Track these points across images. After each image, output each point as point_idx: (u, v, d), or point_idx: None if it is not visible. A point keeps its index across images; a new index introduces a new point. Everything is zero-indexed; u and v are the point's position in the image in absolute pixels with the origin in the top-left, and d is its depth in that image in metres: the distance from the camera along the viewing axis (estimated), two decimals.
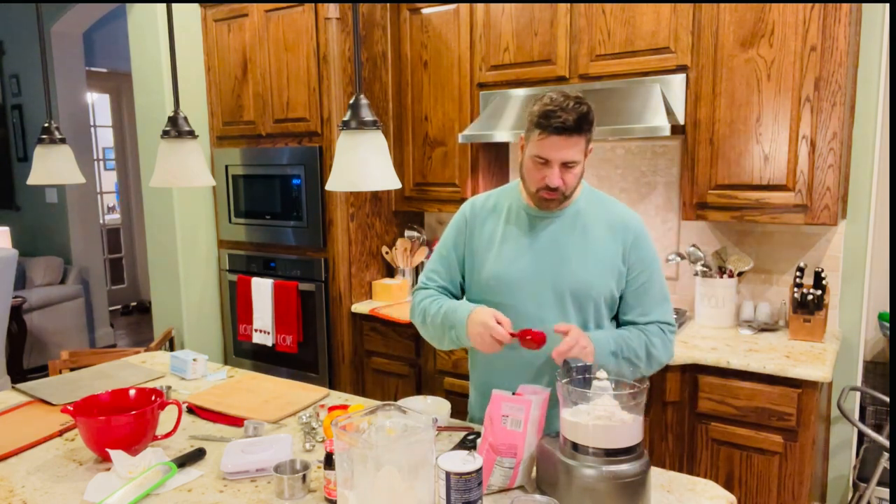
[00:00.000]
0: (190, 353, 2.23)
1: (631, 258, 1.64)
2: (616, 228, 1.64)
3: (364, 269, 3.32)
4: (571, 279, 1.61)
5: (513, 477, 1.40)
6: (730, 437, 2.32)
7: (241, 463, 1.49)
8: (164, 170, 1.81)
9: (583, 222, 1.65)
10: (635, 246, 1.64)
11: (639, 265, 1.64)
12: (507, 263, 1.65)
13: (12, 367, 4.50)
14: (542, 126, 1.51)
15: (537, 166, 1.56)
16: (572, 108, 1.48)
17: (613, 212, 1.67)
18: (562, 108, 1.48)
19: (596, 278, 1.61)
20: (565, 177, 1.55)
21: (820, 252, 2.65)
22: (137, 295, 7.15)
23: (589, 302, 1.63)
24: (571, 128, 1.48)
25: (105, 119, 6.77)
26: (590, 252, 1.62)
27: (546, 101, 1.51)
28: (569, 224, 1.65)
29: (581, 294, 1.62)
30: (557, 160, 1.53)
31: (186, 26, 3.46)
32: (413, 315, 1.79)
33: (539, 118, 1.51)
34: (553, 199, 1.59)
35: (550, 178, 1.54)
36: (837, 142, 2.29)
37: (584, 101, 1.51)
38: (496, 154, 3.22)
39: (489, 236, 1.71)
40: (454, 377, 2.91)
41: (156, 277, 3.71)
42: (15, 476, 1.53)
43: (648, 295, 1.66)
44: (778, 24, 2.33)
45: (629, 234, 1.64)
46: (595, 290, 1.62)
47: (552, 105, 1.49)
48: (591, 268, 1.62)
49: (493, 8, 2.92)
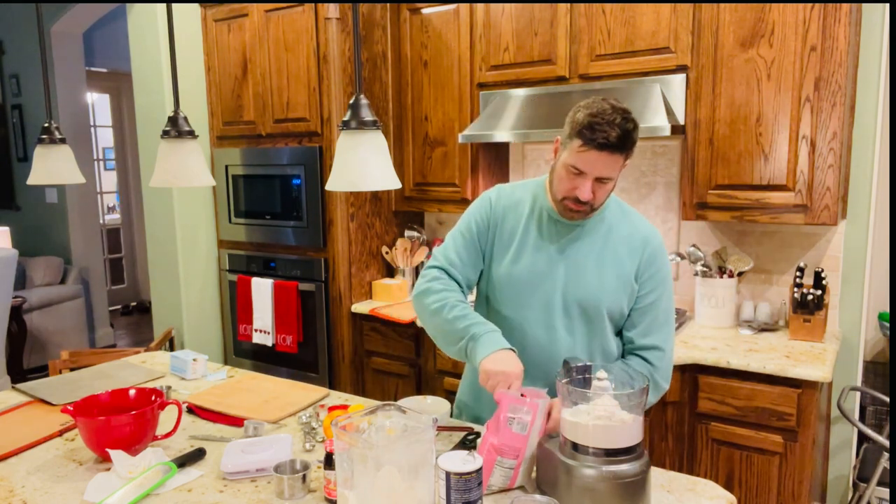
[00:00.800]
0: (190, 353, 2.22)
1: (643, 275, 1.60)
2: (635, 244, 1.61)
3: (364, 269, 3.32)
4: (584, 291, 1.58)
5: (513, 477, 1.40)
6: (730, 437, 2.32)
7: (241, 463, 1.49)
8: (164, 170, 1.81)
9: (604, 233, 1.61)
10: (651, 263, 1.60)
11: (650, 283, 1.61)
12: (523, 265, 1.61)
13: (12, 367, 4.50)
14: (584, 137, 1.43)
15: (570, 175, 1.49)
16: (618, 124, 1.41)
17: (636, 226, 1.63)
18: (608, 122, 1.41)
19: (608, 293, 1.58)
20: (597, 192, 1.49)
21: (820, 252, 2.65)
22: (137, 295, 7.15)
23: (597, 315, 1.59)
24: (614, 145, 1.42)
25: (105, 119, 6.77)
26: (606, 265, 1.59)
27: (593, 110, 1.43)
28: (591, 234, 1.61)
29: (591, 307, 1.58)
30: (593, 174, 1.46)
31: (186, 26, 3.46)
32: (421, 298, 1.64)
33: (583, 129, 1.43)
34: (579, 212, 1.54)
35: (582, 190, 1.48)
36: (837, 142, 2.29)
37: (630, 118, 1.44)
38: (496, 154, 3.22)
39: (510, 232, 1.65)
40: (454, 377, 2.91)
41: (156, 277, 3.71)
42: (15, 476, 1.53)
43: (652, 315, 1.62)
44: (778, 24, 2.33)
45: (647, 250, 1.60)
46: (606, 304, 1.58)
47: (598, 117, 1.42)
48: (606, 282, 1.58)
49: (493, 8, 2.92)
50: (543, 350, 1.61)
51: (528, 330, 1.62)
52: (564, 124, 1.51)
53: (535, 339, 1.61)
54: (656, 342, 1.61)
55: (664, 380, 1.63)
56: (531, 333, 1.62)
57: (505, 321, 1.64)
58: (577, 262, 1.59)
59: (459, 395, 1.84)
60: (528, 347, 1.60)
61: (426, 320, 1.65)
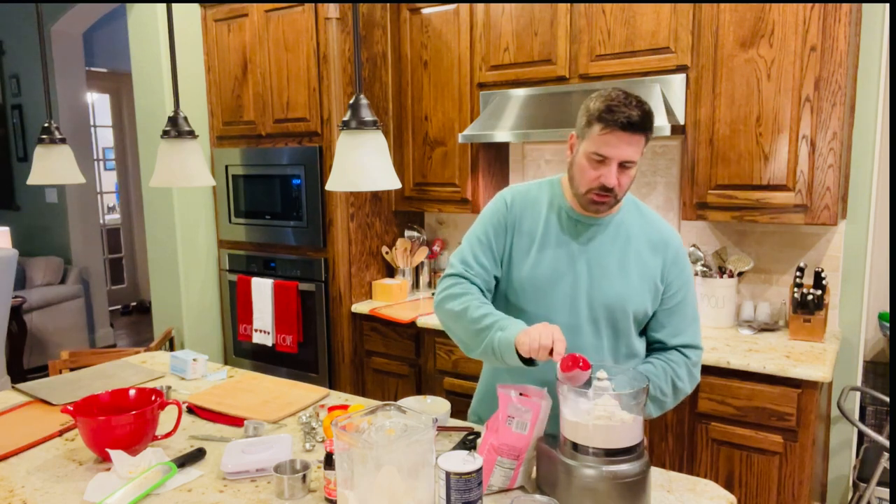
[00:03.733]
0: (190, 353, 2.22)
1: (669, 276, 1.59)
2: (657, 245, 1.59)
3: (364, 269, 3.32)
4: (609, 293, 1.56)
5: (513, 478, 1.39)
6: (730, 437, 2.32)
7: (241, 463, 1.49)
8: (164, 170, 1.81)
9: (625, 234, 1.59)
10: (675, 264, 1.59)
11: (676, 284, 1.59)
12: (545, 268, 1.58)
13: (12, 367, 4.50)
14: (605, 120, 1.42)
15: (593, 164, 1.47)
16: (636, 105, 1.42)
17: (655, 226, 1.62)
18: (626, 104, 1.42)
19: (634, 294, 1.56)
20: (621, 178, 1.47)
21: (820, 252, 2.65)
22: (137, 295, 7.15)
23: (623, 317, 1.57)
24: (637, 124, 1.41)
25: (105, 119, 6.77)
26: (630, 266, 1.57)
27: (608, 97, 1.44)
28: (611, 234, 1.58)
29: (616, 309, 1.56)
30: (617, 158, 1.44)
31: (186, 26, 3.46)
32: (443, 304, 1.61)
33: (603, 112, 1.43)
34: (604, 202, 1.50)
35: (607, 177, 1.45)
36: (837, 142, 2.29)
37: (644, 101, 1.45)
38: (496, 154, 3.22)
39: (529, 234, 1.62)
40: (454, 377, 2.91)
41: (156, 277, 3.71)
42: (15, 476, 1.53)
43: (681, 315, 1.61)
44: (778, 24, 2.33)
45: (670, 251, 1.59)
46: (631, 305, 1.56)
47: (615, 101, 1.42)
48: (630, 283, 1.56)
49: (493, 8, 2.92)
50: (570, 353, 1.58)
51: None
52: (577, 119, 1.51)
53: None
54: (689, 340, 1.62)
55: (698, 374, 1.64)
56: None
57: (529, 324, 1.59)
58: (600, 263, 1.57)
59: (474, 404, 1.82)
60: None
61: (450, 325, 1.62)
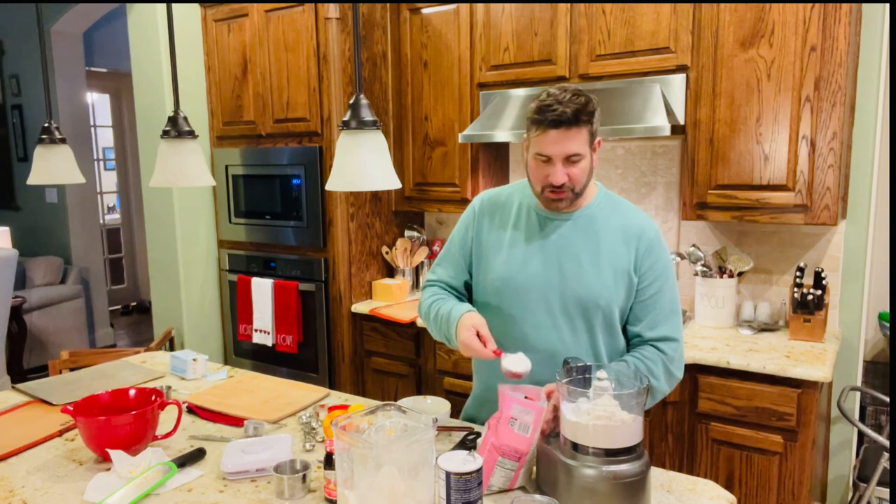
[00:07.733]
0: (190, 353, 2.22)
1: (642, 268, 1.57)
2: (630, 235, 1.58)
3: (364, 269, 3.32)
4: (580, 287, 1.56)
5: (514, 479, 1.39)
6: (730, 437, 2.32)
7: (241, 463, 1.49)
8: (164, 170, 1.81)
9: (596, 227, 1.59)
10: (648, 254, 1.58)
11: (650, 275, 1.58)
12: (516, 267, 1.61)
13: (12, 367, 4.50)
14: (537, 122, 1.47)
15: (539, 164, 1.51)
16: (569, 101, 1.44)
17: (629, 217, 1.61)
18: (558, 101, 1.45)
19: (606, 288, 1.56)
20: (570, 172, 1.49)
21: (820, 252, 2.65)
22: (137, 295, 7.15)
23: (597, 311, 1.57)
24: (569, 119, 1.44)
25: (105, 119, 6.77)
26: (601, 259, 1.57)
27: (543, 97, 1.48)
28: (581, 228, 1.59)
29: (589, 303, 1.56)
30: (559, 155, 1.47)
31: (186, 26, 3.46)
32: (420, 313, 1.77)
33: (535, 114, 1.48)
34: (560, 199, 1.53)
35: (554, 175, 1.49)
36: (837, 142, 2.29)
37: (582, 93, 1.47)
38: (496, 154, 3.22)
39: (498, 235, 1.66)
40: (454, 377, 2.91)
41: (156, 277, 3.71)
42: (15, 476, 1.53)
43: (657, 307, 1.59)
44: (778, 24, 2.33)
45: (643, 242, 1.58)
46: (604, 299, 1.56)
47: (548, 100, 1.46)
48: (602, 276, 1.56)
49: (493, 8, 2.92)
50: (547, 350, 1.59)
51: (529, 331, 1.60)
52: None
53: (536, 340, 1.59)
54: (666, 333, 1.60)
55: (678, 370, 1.62)
56: (532, 334, 1.60)
57: (505, 324, 1.62)
58: (572, 259, 1.58)
59: (466, 408, 1.84)
60: (531, 349, 1.56)
61: (430, 328, 1.73)
